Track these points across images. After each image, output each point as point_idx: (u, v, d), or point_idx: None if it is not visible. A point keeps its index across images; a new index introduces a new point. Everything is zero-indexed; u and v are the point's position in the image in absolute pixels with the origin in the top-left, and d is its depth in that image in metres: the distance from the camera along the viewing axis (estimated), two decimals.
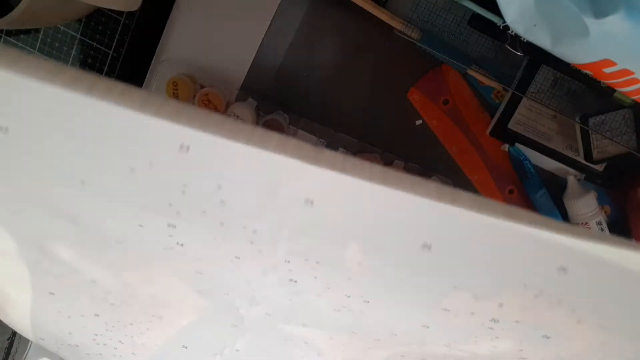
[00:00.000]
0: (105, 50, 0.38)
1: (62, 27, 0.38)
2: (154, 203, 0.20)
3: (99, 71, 0.38)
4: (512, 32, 0.31)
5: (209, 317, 0.29)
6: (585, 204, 0.36)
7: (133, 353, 0.40)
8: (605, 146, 0.35)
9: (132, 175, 0.19)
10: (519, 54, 0.32)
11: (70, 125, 0.18)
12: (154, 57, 0.38)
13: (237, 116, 0.37)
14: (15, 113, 0.18)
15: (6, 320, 0.39)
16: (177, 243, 0.22)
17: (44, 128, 0.18)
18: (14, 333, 0.47)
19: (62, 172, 0.20)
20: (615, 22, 0.24)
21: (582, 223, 0.37)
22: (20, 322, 0.39)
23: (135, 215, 0.22)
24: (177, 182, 0.20)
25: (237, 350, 0.31)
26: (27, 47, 0.38)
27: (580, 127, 0.34)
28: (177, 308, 0.29)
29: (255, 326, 0.28)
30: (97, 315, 0.38)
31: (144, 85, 0.39)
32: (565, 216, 0.38)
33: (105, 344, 0.39)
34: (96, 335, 0.39)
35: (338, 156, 0.18)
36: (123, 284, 0.28)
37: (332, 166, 0.18)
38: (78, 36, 0.38)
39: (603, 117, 0.34)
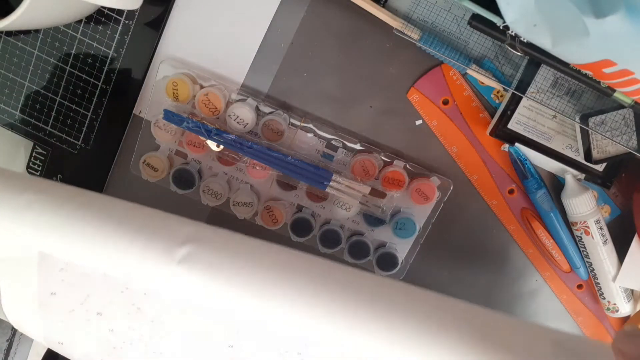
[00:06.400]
0: (105, 50, 0.38)
1: (62, 27, 0.38)
2: None
3: (99, 71, 0.38)
4: (512, 32, 0.31)
5: None
6: (583, 203, 0.36)
7: None
8: (605, 146, 0.35)
9: None
10: (519, 54, 0.32)
11: None
12: (154, 57, 0.38)
13: (237, 116, 0.37)
14: None
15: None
16: None
17: None
18: (13, 334, 0.47)
19: None
20: (615, 22, 0.24)
21: (580, 222, 0.37)
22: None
23: None
24: None
25: None
26: (27, 47, 0.38)
27: (580, 127, 0.34)
28: None
29: None
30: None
31: (143, 86, 0.39)
32: (564, 215, 0.38)
33: None
34: None
35: None
36: None
37: None
38: (78, 36, 0.38)
39: (603, 117, 0.34)
